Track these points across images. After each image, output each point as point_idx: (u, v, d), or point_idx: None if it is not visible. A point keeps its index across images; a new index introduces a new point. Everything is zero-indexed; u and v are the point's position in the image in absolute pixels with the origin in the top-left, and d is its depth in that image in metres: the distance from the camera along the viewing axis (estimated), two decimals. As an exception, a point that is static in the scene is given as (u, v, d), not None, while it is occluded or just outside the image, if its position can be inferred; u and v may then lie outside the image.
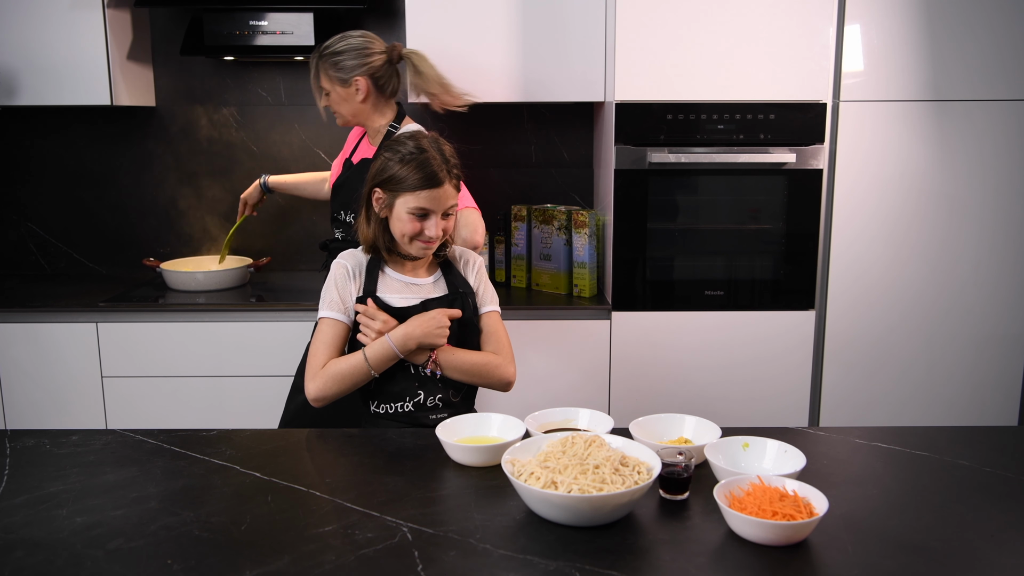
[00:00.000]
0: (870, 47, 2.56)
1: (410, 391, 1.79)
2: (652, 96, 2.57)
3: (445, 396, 1.81)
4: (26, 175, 3.20)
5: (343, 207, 2.27)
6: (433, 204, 1.72)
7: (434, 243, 1.75)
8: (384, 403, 1.80)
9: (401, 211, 1.72)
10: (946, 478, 1.44)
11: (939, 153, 2.61)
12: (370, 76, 2.22)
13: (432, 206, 1.72)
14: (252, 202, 2.86)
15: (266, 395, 2.70)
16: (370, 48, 2.22)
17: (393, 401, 1.80)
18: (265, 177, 2.83)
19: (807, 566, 1.16)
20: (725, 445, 1.45)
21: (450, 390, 1.81)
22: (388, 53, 2.23)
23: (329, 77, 2.24)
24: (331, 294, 1.78)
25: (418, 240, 1.74)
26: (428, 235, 1.73)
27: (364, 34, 2.25)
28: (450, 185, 1.74)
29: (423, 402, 1.78)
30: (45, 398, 2.71)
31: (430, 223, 1.73)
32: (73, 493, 1.38)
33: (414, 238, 1.74)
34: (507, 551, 1.19)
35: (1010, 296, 2.68)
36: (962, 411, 2.74)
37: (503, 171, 3.16)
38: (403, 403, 1.79)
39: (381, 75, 2.23)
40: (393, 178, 1.72)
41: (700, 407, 2.63)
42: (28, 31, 2.75)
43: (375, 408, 1.82)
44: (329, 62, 2.23)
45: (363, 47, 2.21)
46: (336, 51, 2.22)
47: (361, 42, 2.22)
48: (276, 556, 1.18)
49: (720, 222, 2.66)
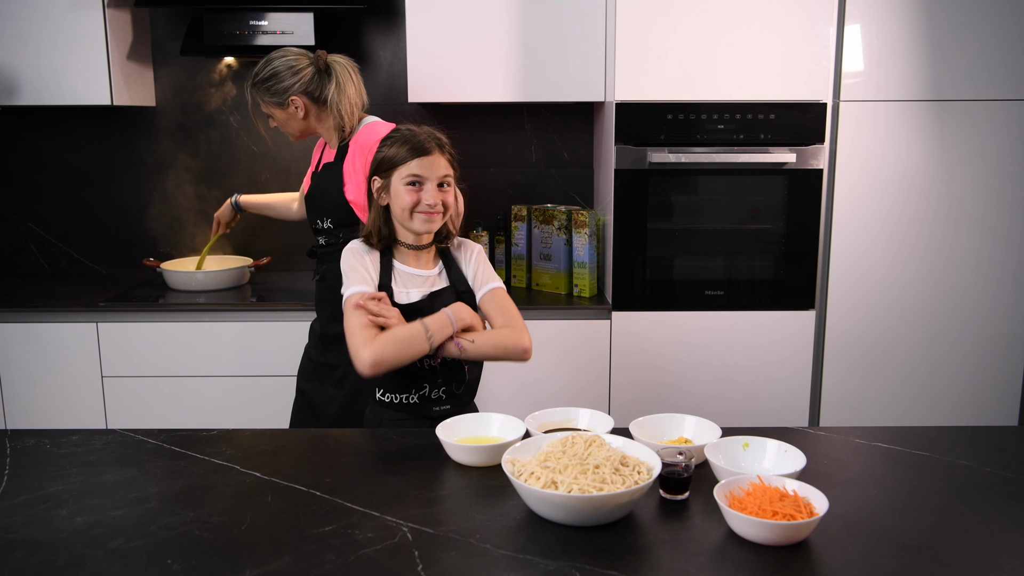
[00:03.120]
0: (870, 47, 2.56)
1: (416, 383, 1.80)
2: (652, 96, 2.57)
3: (449, 389, 1.82)
4: (26, 175, 3.20)
5: (318, 216, 2.30)
6: (425, 171, 1.74)
7: (436, 214, 1.76)
8: (391, 392, 1.81)
9: (398, 186, 1.76)
10: (946, 478, 1.44)
11: (939, 153, 2.61)
12: (303, 93, 2.24)
13: (425, 172, 1.74)
14: (224, 220, 2.88)
15: (266, 395, 2.70)
16: (296, 65, 2.24)
17: (400, 392, 1.81)
18: (237, 196, 2.84)
19: (807, 566, 1.16)
20: (725, 445, 1.45)
21: (453, 383, 1.82)
22: (315, 63, 2.25)
23: (266, 103, 2.28)
24: (357, 272, 1.79)
25: (419, 212, 1.76)
26: (426, 202, 1.74)
27: (286, 51, 2.27)
28: (440, 155, 1.76)
29: (428, 394, 1.80)
30: (45, 398, 2.71)
31: (426, 191, 1.75)
32: (73, 493, 1.38)
33: (414, 210, 1.75)
34: (507, 551, 1.19)
35: (1010, 296, 2.68)
36: (962, 411, 2.74)
37: (503, 171, 3.16)
38: (409, 395, 1.80)
39: (314, 87, 2.25)
40: (384, 160, 1.77)
41: (700, 407, 2.63)
42: (28, 31, 2.75)
43: (380, 395, 1.83)
44: (262, 89, 2.26)
45: (289, 66, 2.23)
46: (265, 77, 2.25)
47: (286, 62, 2.24)
48: (276, 556, 1.18)
49: (720, 222, 2.66)
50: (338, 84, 2.23)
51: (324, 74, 2.25)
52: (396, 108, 3.08)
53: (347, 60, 2.27)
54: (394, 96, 3.10)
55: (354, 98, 2.26)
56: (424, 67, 2.74)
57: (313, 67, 2.24)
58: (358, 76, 2.28)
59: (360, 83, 2.28)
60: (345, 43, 3.07)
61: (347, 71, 2.25)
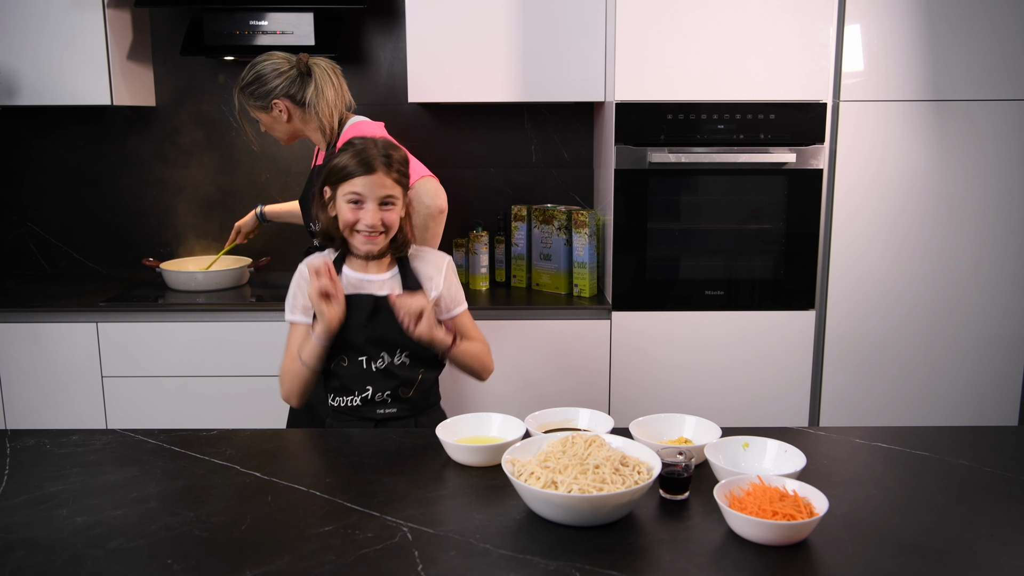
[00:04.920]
0: (870, 47, 2.56)
1: (359, 386, 1.80)
2: (652, 96, 2.57)
3: (395, 392, 1.80)
4: (26, 175, 3.21)
5: (310, 218, 2.31)
6: (366, 190, 1.73)
7: (375, 236, 1.76)
8: (338, 396, 1.83)
9: (341, 201, 1.76)
10: (946, 478, 1.44)
11: (939, 153, 2.61)
12: (286, 96, 2.25)
13: (365, 191, 1.73)
14: (246, 231, 2.91)
15: (266, 395, 2.70)
16: (278, 68, 2.24)
17: (343, 395, 1.82)
18: (261, 207, 2.88)
19: (807, 566, 1.16)
20: (725, 445, 1.45)
21: (401, 386, 1.81)
22: (297, 67, 2.25)
23: (252, 107, 2.30)
24: (297, 299, 1.82)
25: (357, 232, 1.76)
26: (364, 222, 1.74)
27: (269, 56, 2.28)
28: (385, 175, 1.75)
29: (371, 397, 1.80)
30: (45, 398, 2.71)
31: (366, 211, 1.74)
32: (73, 493, 1.38)
33: (353, 228, 1.76)
34: (507, 551, 1.19)
35: (1010, 296, 2.68)
36: (962, 411, 2.74)
37: (503, 171, 3.16)
38: (352, 397, 1.81)
39: (295, 91, 2.25)
40: (332, 170, 1.77)
41: (700, 407, 2.63)
42: (28, 31, 2.75)
43: (330, 399, 1.86)
44: (247, 92, 2.28)
45: (272, 70, 2.24)
46: (249, 81, 2.27)
47: (269, 66, 2.25)
48: (276, 556, 1.18)
49: (720, 222, 2.66)
50: (316, 86, 2.24)
51: (305, 77, 2.26)
52: (396, 108, 3.08)
53: (328, 63, 2.27)
54: (394, 96, 3.10)
55: (333, 100, 2.26)
56: (424, 67, 2.74)
57: (295, 70, 2.25)
58: (339, 78, 2.28)
59: (342, 85, 2.28)
60: (345, 43, 3.07)
61: (327, 73, 2.25)
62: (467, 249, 2.98)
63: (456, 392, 2.65)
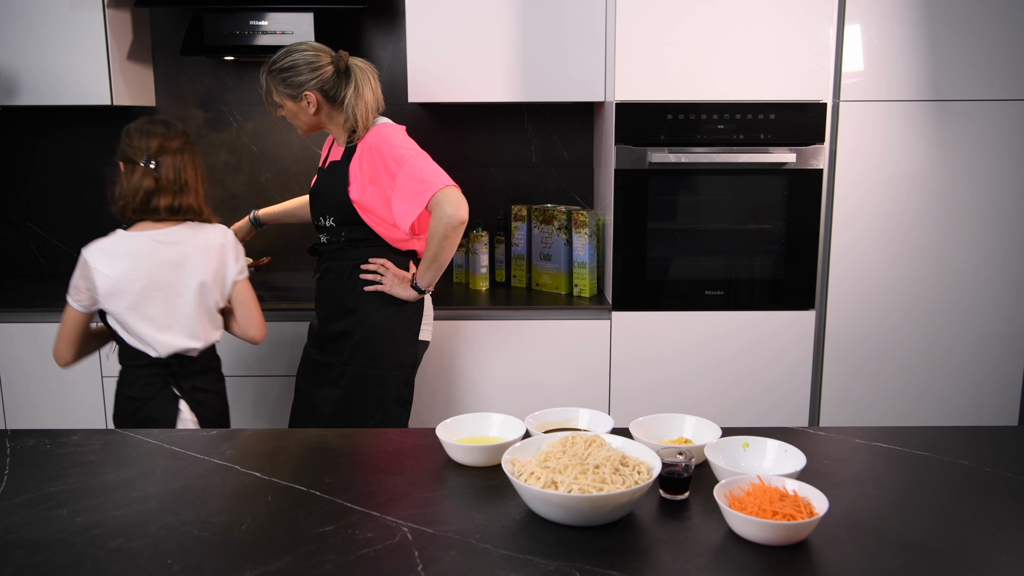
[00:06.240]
0: (870, 47, 2.56)
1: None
2: (652, 96, 2.57)
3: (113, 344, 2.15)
4: (26, 175, 3.21)
5: (321, 213, 2.30)
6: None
7: None
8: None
9: None
10: (946, 478, 1.44)
11: (939, 153, 2.61)
12: (319, 89, 2.22)
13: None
14: (240, 237, 2.85)
15: (266, 395, 2.70)
16: (317, 61, 2.22)
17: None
18: (255, 212, 2.81)
19: (807, 566, 1.15)
20: (725, 445, 1.45)
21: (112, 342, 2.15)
22: (335, 63, 2.23)
23: (280, 93, 2.25)
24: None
25: None
26: None
27: (310, 46, 2.25)
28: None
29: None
30: (45, 398, 2.71)
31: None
32: (73, 493, 1.38)
33: None
34: (507, 551, 1.19)
35: (1010, 296, 2.68)
36: (962, 411, 2.74)
37: (503, 171, 3.16)
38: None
39: (330, 87, 2.23)
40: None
41: (700, 407, 2.64)
42: (28, 31, 2.75)
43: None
44: (278, 78, 2.24)
45: (310, 61, 2.21)
46: (284, 67, 2.22)
47: (308, 56, 2.22)
48: (276, 556, 1.18)
49: (720, 222, 2.66)
50: (356, 88, 2.21)
51: (343, 75, 2.23)
52: (396, 108, 3.07)
53: (367, 64, 2.26)
54: (394, 96, 3.09)
55: (371, 103, 2.24)
56: (424, 67, 2.74)
57: (333, 67, 2.23)
58: (376, 81, 2.26)
59: (378, 88, 2.27)
60: (345, 43, 3.07)
61: (367, 75, 2.24)
62: (467, 249, 2.98)
63: (456, 392, 2.65)
